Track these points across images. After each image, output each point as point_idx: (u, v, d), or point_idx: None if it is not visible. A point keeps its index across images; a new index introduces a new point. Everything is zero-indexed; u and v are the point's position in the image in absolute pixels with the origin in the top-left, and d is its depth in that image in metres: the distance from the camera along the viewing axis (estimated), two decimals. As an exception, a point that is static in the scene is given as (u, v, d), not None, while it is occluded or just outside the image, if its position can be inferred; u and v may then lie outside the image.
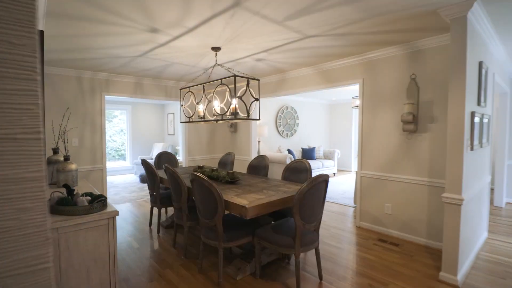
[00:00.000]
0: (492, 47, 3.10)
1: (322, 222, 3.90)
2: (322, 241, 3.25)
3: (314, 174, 6.94)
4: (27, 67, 0.58)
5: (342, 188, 6.24)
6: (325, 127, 9.28)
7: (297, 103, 8.22)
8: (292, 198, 2.38)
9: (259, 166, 3.84)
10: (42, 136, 0.62)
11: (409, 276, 2.48)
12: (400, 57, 3.27)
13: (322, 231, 3.56)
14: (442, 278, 2.39)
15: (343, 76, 3.89)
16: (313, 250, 2.53)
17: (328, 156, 8.08)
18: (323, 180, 2.24)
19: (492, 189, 4.98)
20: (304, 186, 2.13)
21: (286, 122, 7.89)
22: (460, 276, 2.36)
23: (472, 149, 2.44)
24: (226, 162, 4.40)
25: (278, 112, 7.68)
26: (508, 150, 4.76)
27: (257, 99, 2.94)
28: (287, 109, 7.88)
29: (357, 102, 5.83)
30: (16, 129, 0.58)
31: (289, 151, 7.33)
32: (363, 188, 3.70)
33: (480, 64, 2.60)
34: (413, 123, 3.07)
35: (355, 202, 4.67)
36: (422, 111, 3.11)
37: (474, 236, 2.86)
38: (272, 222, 2.94)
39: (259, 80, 3.05)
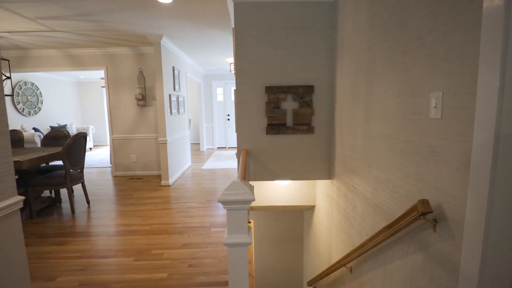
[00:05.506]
0: (183, 58, 5.49)
1: (90, 178, 4.94)
2: (90, 188, 4.37)
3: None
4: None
5: (100, 157, 7.25)
6: (76, 105, 9.39)
7: (38, 79, 7.75)
8: (58, 154, 3.35)
9: (12, 140, 4.10)
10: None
11: (146, 188, 4.34)
12: (132, 56, 4.88)
13: (89, 183, 4.64)
14: (162, 184, 4.46)
15: (90, 63, 4.92)
16: (81, 184, 3.66)
17: (82, 132, 8.51)
18: (82, 136, 3.44)
19: (198, 143, 8.19)
20: (69, 140, 3.23)
21: (26, 99, 7.31)
22: (171, 181, 4.54)
23: (171, 114, 4.60)
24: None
25: (15, 88, 6.95)
26: (204, 117, 8.03)
27: (9, 77, 3.40)
28: (26, 85, 7.29)
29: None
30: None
31: (36, 130, 7.05)
32: (115, 148, 5.12)
33: (173, 67, 4.78)
34: (142, 100, 4.87)
35: (111, 162, 5.98)
36: (148, 92, 4.97)
37: (181, 163, 5.24)
38: (40, 179, 3.66)
39: (9, 60, 3.47)
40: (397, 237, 1.59)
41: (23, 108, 7.25)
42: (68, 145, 3.21)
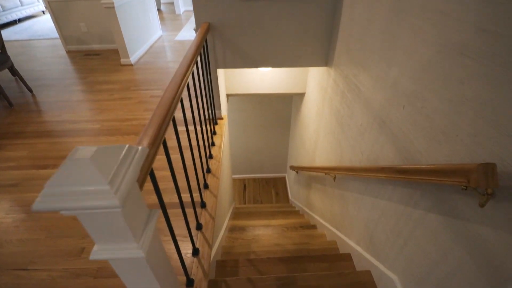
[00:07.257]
0: None
1: (37, 54, 4.11)
2: (36, 68, 3.59)
3: (13, 16, 5.97)
4: None
5: (51, 25, 5.93)
6: None
7: None
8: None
9: None
10: None
11: (103, 69, 3.57)
12: None
13: (36, 62, 3.82)
14: (122, 62, 3.65)
15: None
16: (9, 70, 2.90)
17: (24, -11, 6.68)
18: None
19: (173, 2, 6.59)
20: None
21: None
22: (133, 59, 3.70)
23: (113, -40, 3.20)
24: None
25: None
26: (176, -34, 6.10)
27: None
28: None
29: None
30: None
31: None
32: (56, 14, 3.93)
33: None
34: None
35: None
36: None
37: (146, 33, 4.20)
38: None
39: None
40: (407, 182, 1.10)
41: None
42: (-43, 14, 2.23)
